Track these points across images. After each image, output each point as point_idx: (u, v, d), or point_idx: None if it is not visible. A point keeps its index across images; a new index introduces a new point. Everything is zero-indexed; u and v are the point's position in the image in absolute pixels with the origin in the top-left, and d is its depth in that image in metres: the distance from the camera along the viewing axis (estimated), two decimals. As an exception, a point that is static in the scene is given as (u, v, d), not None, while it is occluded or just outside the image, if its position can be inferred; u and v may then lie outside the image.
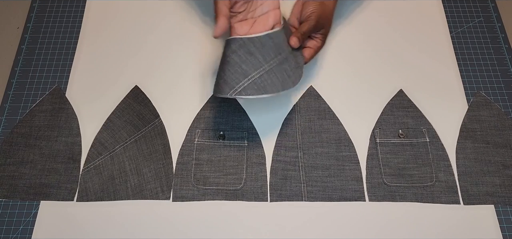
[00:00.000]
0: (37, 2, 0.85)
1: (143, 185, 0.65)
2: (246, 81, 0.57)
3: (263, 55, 0.58)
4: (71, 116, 0.71)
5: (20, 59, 0.78)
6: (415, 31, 0.81)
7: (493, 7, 0.84)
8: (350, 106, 0.73)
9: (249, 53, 0.57)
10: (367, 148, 0.69)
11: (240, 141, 0.69)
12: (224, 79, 0.57)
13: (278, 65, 0.59)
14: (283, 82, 0.58)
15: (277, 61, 0.59)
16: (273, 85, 0.57)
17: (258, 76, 0.57)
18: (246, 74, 0.57)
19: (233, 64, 0.56)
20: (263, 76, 0.58)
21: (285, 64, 0.59)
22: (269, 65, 0.58)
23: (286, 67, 0.59)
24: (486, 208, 0.64)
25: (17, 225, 0.62)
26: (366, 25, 0.82)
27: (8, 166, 0.67)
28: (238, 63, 0.57)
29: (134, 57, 0.78)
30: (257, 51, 0.58)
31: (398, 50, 0.79)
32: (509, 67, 0.77)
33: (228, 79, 0.57)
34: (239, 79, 0.56)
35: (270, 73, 0.58)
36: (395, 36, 0.81)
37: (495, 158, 0.68)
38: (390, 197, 0.65)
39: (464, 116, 0.71)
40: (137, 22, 0.82)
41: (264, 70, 0.58)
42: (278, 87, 0.57)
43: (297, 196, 0.65)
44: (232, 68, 0.56)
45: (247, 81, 0.57)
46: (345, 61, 0.78)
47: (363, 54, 0.78)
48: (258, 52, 0.58)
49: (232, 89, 0.56)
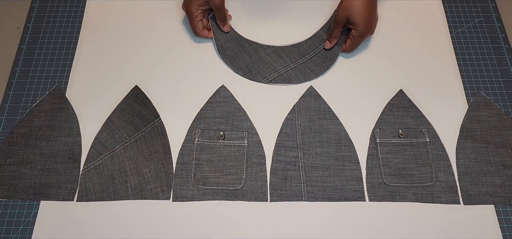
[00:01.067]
0: (37, 2, 0.85)
1: (143, 185, 0.65)
2: (275, 74, 0.76)
3: (290, 58, 0.78)
4: (71, 117, 0.71)
5: (20, 59, 0.78)
6: (415, 31, 0.81)
7: (493, 7, 0.84)
8: (350, 106, 0.73)
9: (279, 56, 0.78)
10: (367, 148, 0.69)
11: (240, 141, 0.69)
12: (258, 71, 0.76)
13: (302, 64, 0.77)
14: (306, 75, 0.76)
15: (301, 61, 0.77)
16: (297, 78, 0.76)
17: (285, 71, 0.76)
18: (276, 69, 0.76)
19: (267, 62, 0.77)
20: (288, 72, 0.76)
21: (310, 62, 0.77)
22: (294, 64, 0.77)
23: (310, 64, 0.77)
24: (486, 208, 0.64)
25: (17, 225, 0.62)
26: (366, 25, 0.82)
27: (8, 166, 0.67)
28: (271, 62, 0.77)
29: (134, 57, 0.78)
30: (285, 55, 0.78)
31: (398, 50, 0.79)
32: (509, 67, 0.77)
33: (262, 72, 0.76)
34: (270, 73, 0.76)
35: (295, 70, 0.76)
36: (395, 36, 0.81)
37: (495, 158, 0.68)
38: (390, 197, 0.65)
39: (464, 116, 0.71)
40: (137, 22, 0.82)
41: (290, 68, 0.77)
42: (301, 79, 0.76)
43: (297, 196, 0.65)
44: (266, 65, 0.77)
45: (276, 74, 0.76)
46: (345, 61, 0.78)
47: (363, 54, 0.79)
48: (286, 56, 0.78)
49: (264, 78, 0.76)
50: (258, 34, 0.80)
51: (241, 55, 0.78)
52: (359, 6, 0.71)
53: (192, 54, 0.78)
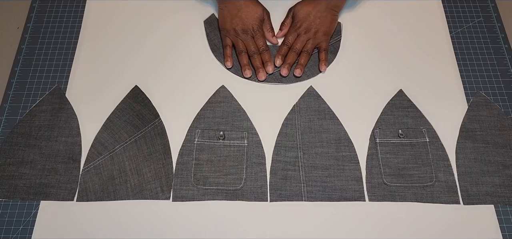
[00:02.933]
0: (37, 2, 0.85)
1: (143, 185, 0.65)
2: None
3: None
4: (71, 117, 0.71)
5: (20, 59, 0.78)
6: (415, 31, 0.81)
7: (493, 7, 0.84)
8: (350, 106, 0.73)
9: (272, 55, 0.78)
10: (367, 148, 0.69)
11: (240, 141, 0.69)
12: None
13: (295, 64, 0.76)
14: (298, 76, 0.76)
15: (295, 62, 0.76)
16: (288, 78, 0.76)
17: (277, 71, 0.76)
18: None
19: None
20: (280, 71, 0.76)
21: None
22: None
23: None
24: (486, 208, 0.64)
25: (17, 225, 0.62)
26: (366, 25, 0.82)
27: (8, 166, 0.67)
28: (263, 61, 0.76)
29: (134, 57, 0.78)
30: None
31: (398, 50, 0.79)
32: (509, 67, 0.77)
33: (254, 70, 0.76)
34: None
35: None
36: (395, 36, 0.81)
37: (495, 158, 0.68)
38: (390, 197, 0.65)
39: (464, 116, 0.71)
40: (137, 22, 0.82)
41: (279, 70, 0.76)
42: (292, 79, 0.76)
43: (297, 196, 0.65)
44: None
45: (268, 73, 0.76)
46: (345, 61, 0.78)
47: (363, 54, 0.79)
48: None
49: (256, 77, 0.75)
50: None
51: (233, 53, 0.78)
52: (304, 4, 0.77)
53: (192, 54, 0.78)
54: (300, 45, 0.76)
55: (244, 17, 0.75)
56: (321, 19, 0.76)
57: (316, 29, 0.76)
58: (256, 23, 0.76)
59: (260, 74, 0.74)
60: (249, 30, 0.75)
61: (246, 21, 0.75)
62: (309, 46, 0.76)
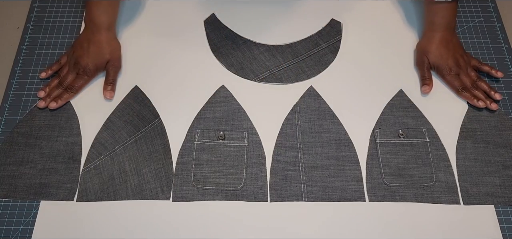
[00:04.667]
0: (37, 2, 0.85)
1: (143, 185, 0.65)
2: (267, 72, 0.76)
3: (283, 58, 0.78)
4: (71, 116, 0.71)
5: (20, 59, 0.78)
6: (415, 31, 0.81)
7: (493, 7, 0.84)
8: (350, 106, 0.73)
9: (272, 55, 0.78)
10: (367, 148, 0.69)
11: (240, 141, 0.69)
12: (251, 69, 0.76)
13: (295, 64, 0.77)
14: (297, 76, 0.76)
15: (294, 62, 0.77)
16: (288, 78, 0.76)
17: (277, 71, 0.76)
18: (268, 68, 0.77)
19: (259, 61, 0.77)
20: (280, 71, 0.76)
21: (302, 63, 0.77)
22: (287, 64, 0.77)
23: (303, 66, 0.77)
24: (486, 208, 0.64)
25: (17, 225, 0.62)
26: (366, 25, 0.82)
27: (8, 166, 0.67)
28: (263, 60, 0.77)
29: (134, 57, 0.78)
30: (278, 54, 0.78)
31: (398, 50, 0.79)
32: (509, 67, 0.77)
33: (254, 70, 0.76)
34: (262, 71, 0.76)
35: (287, 70, 0.76)
36: (395, 36, 0.81)
37: (495, 158, 0.68)
38: (390, 197, 0.65)
39: (464, 116, 0.71)
40: (137, 22, 0.82)
41: (282, 67, 0.76)
42: (292, 79, 0.75)
43: (297, 196, 0.65)
44: (258, 63, 0.77)
45: (268, 72, 0.76)
46: (345, 61, 0.78)
47: (363, 54, 0.79)
48: (279, 55, 0.78)
49: (256, 76, 0.76)
50: (252, 32, 0.80)
51: (234, 52, 0.78)
52: (434, 49, 0.73)
53: (192, 54, 0.78)
54: (469, 79, 0.74)
55: (90, 53, 0.72)
56: (454, 48, 0.74)
57: (460, 58, 0.74)
58: (91, 66, 0.72)
59: (40, 103, 0.71)
60: (81, 67, 0.72)
61: (85, 58, 0.72)
62: (472, 74, 0.74)
